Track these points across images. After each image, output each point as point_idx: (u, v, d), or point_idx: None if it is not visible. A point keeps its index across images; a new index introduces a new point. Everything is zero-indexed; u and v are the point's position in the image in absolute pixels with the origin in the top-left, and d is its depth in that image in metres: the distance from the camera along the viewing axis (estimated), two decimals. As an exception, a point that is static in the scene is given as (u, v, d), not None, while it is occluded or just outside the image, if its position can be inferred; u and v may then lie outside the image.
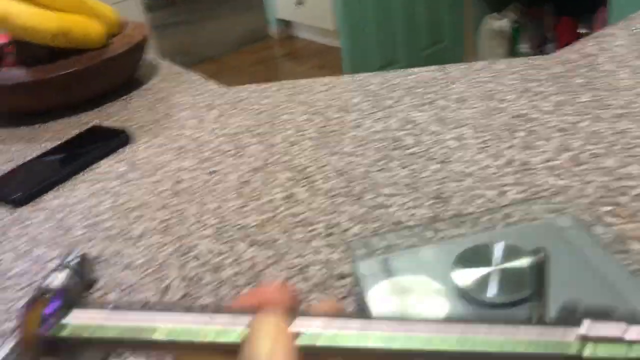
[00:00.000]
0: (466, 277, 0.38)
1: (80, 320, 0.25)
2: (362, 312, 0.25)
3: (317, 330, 0.24)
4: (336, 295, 0.46)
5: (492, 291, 0.37)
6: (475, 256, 0.40)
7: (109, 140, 0.75)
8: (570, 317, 0.23)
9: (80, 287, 0.49)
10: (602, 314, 0.23)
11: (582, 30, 2.47)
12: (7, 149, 0.81)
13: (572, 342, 0.23)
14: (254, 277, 0.49)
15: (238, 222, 0.57)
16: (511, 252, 0.40)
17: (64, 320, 0.25)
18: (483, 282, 0.38)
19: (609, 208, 0.51)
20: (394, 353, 0.24)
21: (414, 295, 0.39)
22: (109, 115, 0.86)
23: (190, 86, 0.92)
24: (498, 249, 0.40)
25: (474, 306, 0.38)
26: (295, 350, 0.23)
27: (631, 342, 0.22)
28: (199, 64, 3.26)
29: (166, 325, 0.25)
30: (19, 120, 0.88)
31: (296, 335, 0.24)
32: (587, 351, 0.22)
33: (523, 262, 0.39)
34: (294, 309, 0.25)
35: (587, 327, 0.23)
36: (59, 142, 0.77)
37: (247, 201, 0.60)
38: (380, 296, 0.40)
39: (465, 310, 0.38)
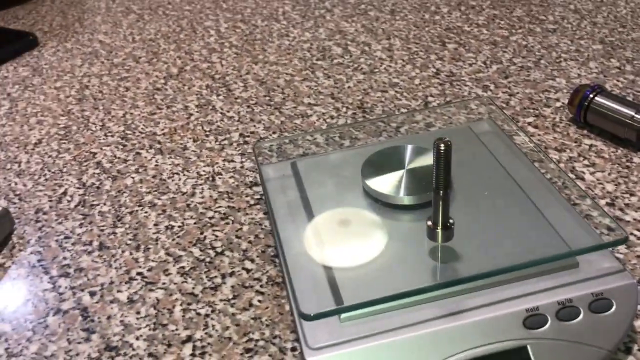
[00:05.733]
0: (376, 180, 0.36)
1: None
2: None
3: None
4: (247, 202, 0.44)
5: (402, 193, 0.35)
6: (384, 159, 0.38)
7: (12, 43, 0.68)
8: None
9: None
10: None
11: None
12: None
13: None
14: (157, 186, 0.46)
15: (146, 129, 0.53)
16: (420, 154, 0.38)
17: None
18: (393, 184, 0.36)
19: (531, 119, 0.50)
20: None
21: (352, 226, 0.35)
22: (15, 18, 0.78)
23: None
24: (407, 152, 0.38)
25: (387, 209, 0.36)
26: None
27: None
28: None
29: None
30: None
31: None
32: None
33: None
34: None
35: None
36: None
37: (158, 108, 0.56)
38: (284, 204, 0.38)
39: (379, 213, 0.36)
